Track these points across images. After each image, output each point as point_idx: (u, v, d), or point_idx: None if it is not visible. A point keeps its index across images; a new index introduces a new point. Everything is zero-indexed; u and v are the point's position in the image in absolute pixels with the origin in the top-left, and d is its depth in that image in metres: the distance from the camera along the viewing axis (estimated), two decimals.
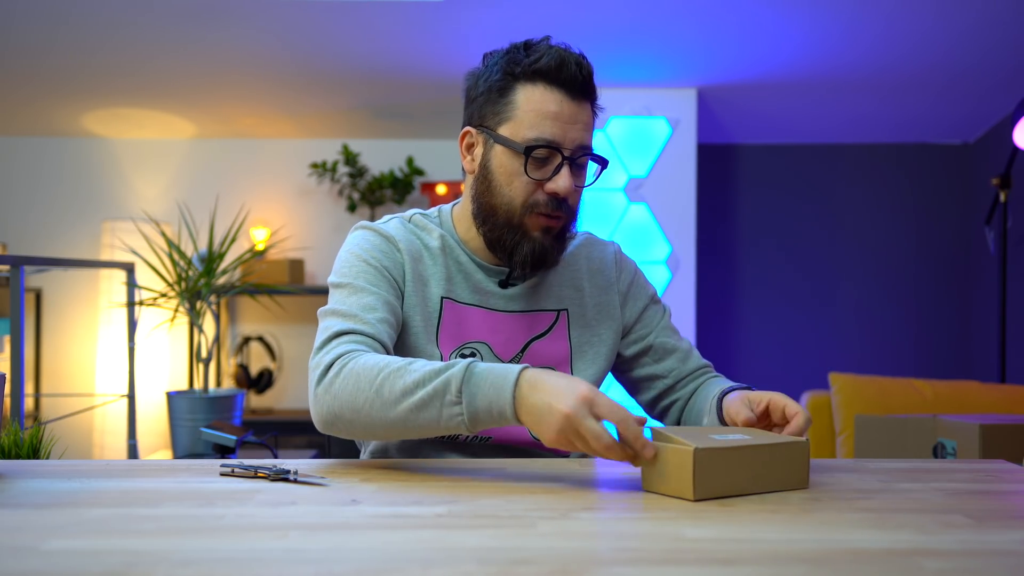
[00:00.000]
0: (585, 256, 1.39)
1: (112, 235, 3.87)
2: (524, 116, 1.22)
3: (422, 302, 1.27)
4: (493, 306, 1.31)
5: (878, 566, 0.72)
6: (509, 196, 1.24)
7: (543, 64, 1.21)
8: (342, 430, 1.13)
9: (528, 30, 3.13)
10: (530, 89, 1.22)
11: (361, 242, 1.28)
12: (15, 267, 2.05)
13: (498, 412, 1.03)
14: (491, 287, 1.31)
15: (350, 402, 1.09)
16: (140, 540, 0.77)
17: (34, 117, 3.91)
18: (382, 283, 1.24)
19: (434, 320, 1.28)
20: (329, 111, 3.82)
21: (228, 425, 2.20)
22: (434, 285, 1.29)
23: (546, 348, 1.33)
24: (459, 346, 1.29)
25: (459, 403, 1.04)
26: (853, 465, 1.18)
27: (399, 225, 1.32)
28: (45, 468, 1.11)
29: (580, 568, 0.70)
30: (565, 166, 1.22)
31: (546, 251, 1.25)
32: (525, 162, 1.21)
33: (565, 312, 1.35)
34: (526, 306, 1.32)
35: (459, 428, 1.05)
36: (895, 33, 3.04)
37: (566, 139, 1.21)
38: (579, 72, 1.21)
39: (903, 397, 2.60)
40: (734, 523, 0.85)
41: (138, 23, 3.01)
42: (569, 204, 1.25)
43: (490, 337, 1.30)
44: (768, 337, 4.09)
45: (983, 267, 3.90)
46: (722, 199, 4.10)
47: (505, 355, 1.30)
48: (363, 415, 1.08)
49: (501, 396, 1.02)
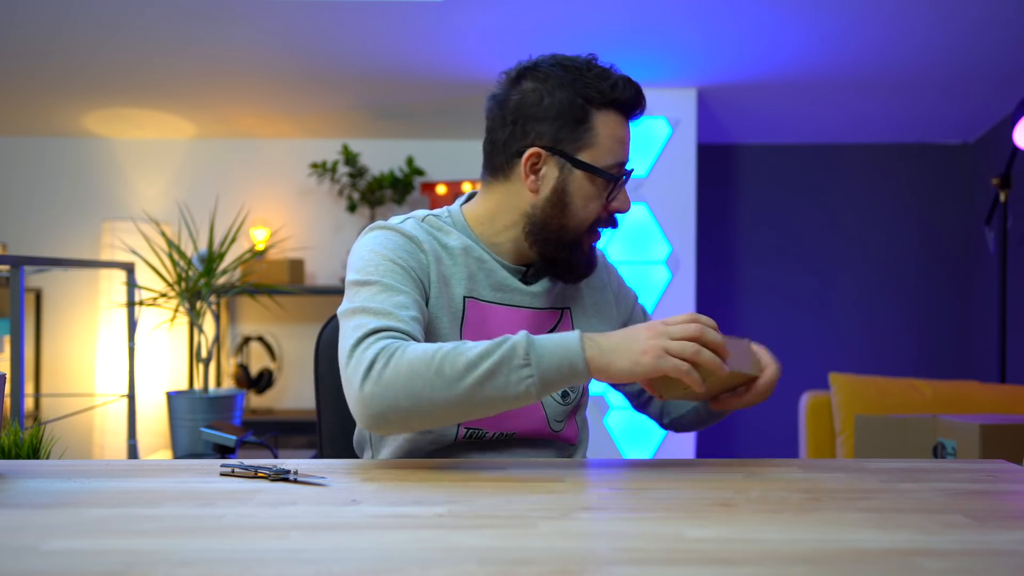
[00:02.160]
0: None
1: (112, 235, 3.87)
2: (605, 143, 1.28)
3: (447, 302, 1.29)
4: (515, 302, 1.34)
5: (878, 566, 0.72)
6: (582, 218, 1.30)
7: (620, 95, 1.28)
8: (396, 422, 1.10)
9: (528, 30, 3.14)
10: (606, 117, 1.28)
11: (384, 242, 1.28)
12: (15, 267, 2.05)
13: (569, 367, 1.08)
14: (515, 284, 1.34)
15: (407, 389, 1.08)
16: (140, 540, 0.77)
17: (34, 117, 3.91)
18: (409, 283, 1.24)
19: (458, 319, 1.30)
20: (329, 111, 3.82)
21: (228, 425, 2.20)
22: (456, 285, 1.30)
23: None
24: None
25: (528, 365, 1.07)
26: (853, 465, 1.18)
27: (416, 226, 1.32)
28: (45, 468, 1.11)
29: (580, 568, 0.70)
30: (624, 186, 1.32)
31: (593, 260, 1.35)
32: (607, 184, 1.28)
33: (568, 311, 1.39)
34: (541, 303, 1.36)
35: (528, 392, 1.08)
36: (895, 33, 3.04)
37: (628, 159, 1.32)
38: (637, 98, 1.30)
39: (903, 397, 2.60)
40: (734, 523, 0.85)
41: (138, 23, 3.01)
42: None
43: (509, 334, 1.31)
44: (768, 337, 4.09)
45: (983, 267, 3.90)
46: (722, 199, 4.10)
47: None
48: (423, 399, 1.08)
49: (570, 351, 1.08)
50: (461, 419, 1.11)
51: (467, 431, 1.29)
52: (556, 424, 1.34)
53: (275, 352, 4.07)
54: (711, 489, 1.00)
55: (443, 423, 1.12)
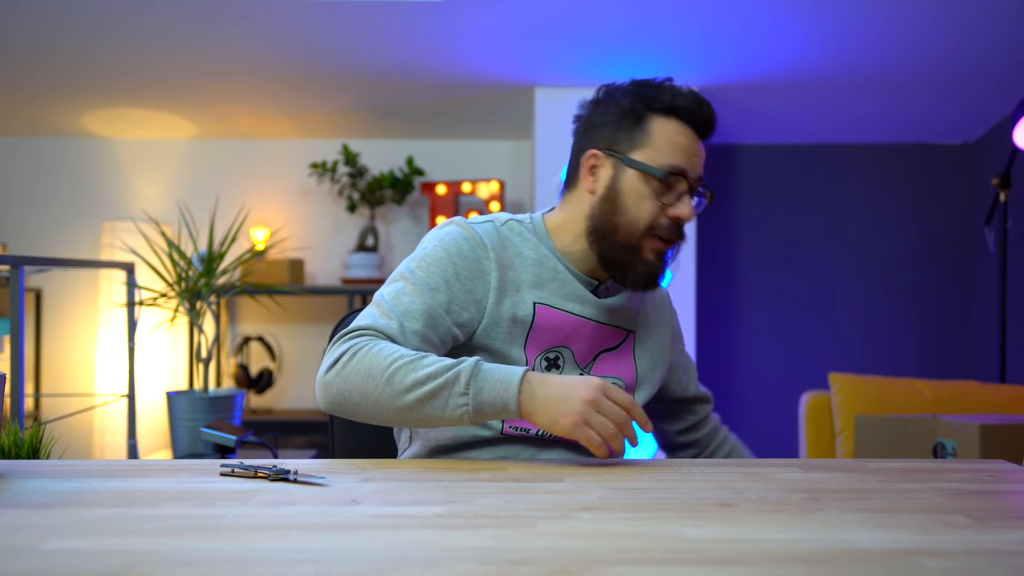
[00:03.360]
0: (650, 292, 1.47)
1: (112, 235, 3.87)
2: (659, 145, 1.32)
3: (511, 308, 1.31)
4: (586, 314, 1.36)
5: (878, 566, 0.72)
6: (634, 217, 1.32)
7: (681, 102, 1.33)
8: (347, 412, 1.20)
9: (528, 30, 3.14)
10: (664, 122, 1.33)
11: (451, 241, 1.32)
12: (15, 267, 2.05)
13: (502, 405, 1.14)
14: (587, 295, 1.36)
15: (359, 387, 1.17)
16: (140, 540, 0.77)
17: (34, 117, 3.91)
18: (443, 290, 1.27)
19: (525, 325, 1.32)
20: (329, 111, 3.82)
21: (228, 425, 2.20)
22: (527, 291, 1.33)
23: (613, 361, 1.39)
24: (545, 349, 1.34)
25: (466, 394, 1.13)
26: (853, 465, 1.18)
27: (492, 231, 1.35)
28: (45, 468, 1.11)
29: (580, 568, 0.70)
30: (687, 195, 1.33)
31: (657, 272, 1.34)
32: (660, 186, 1.31)
33: (633, 335, 1.42)
34: (611, 320, 1.38)
35: (462, 419, 1.15)
36: (895, 33, 3.04)
37: (691, 169, 1.33)
38: (700, 111, 1.34)
39: (903, 397, 2.60)
40: (734, 523, 0.85)
41: (138, 23, 3.01)
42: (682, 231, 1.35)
43: (575, 344, 1.36)
44: (768, 337, 4.09)
45: (983, 267, 3.90)
46: (722, 200, 4.10)
47: (582, 361, 1.36)
48: (371, 401, 1.17)
49: (507, 390, 1.13)
50: (403, 425, 1.20)
51: (512, 424, 1.31)
52: None
53: (275, 352, 4.07)
54: (711, 489, 1.00)
55: (388, 424, 1.20)
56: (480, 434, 1.31)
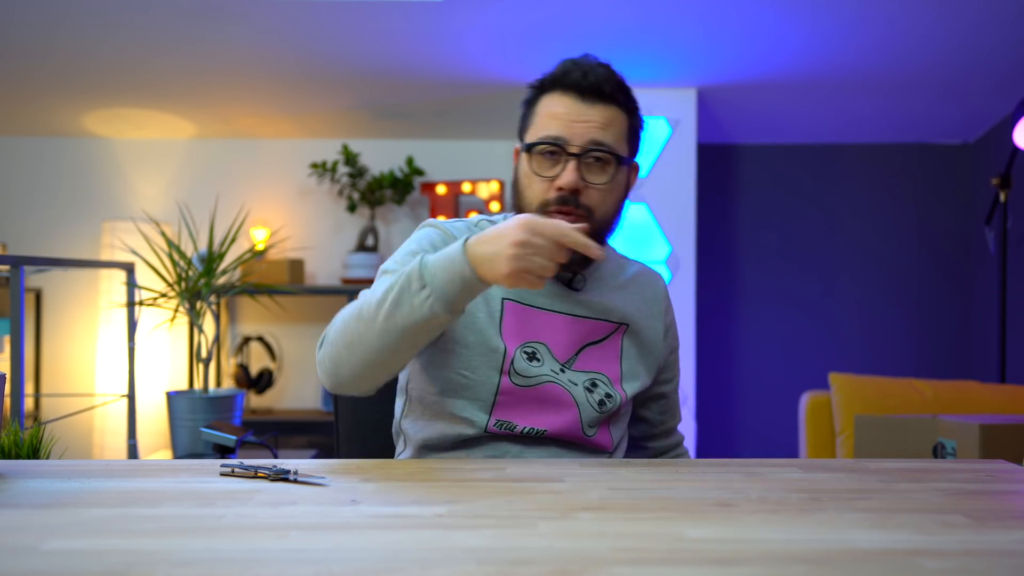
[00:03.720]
0: (641, 283, 1.46)
1: (112, 235, 3.87)
2: (539, 120, 1.33)
3: (485, 301, 1.33)
4: (558, 308, 1.36)
5: (878, 566, 0.72)
6: (528, 197, 1.34)
7: (562, 72, 1.32)
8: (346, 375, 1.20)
9: (528, 30, 3.14)
10: (548, 98, 1.33)
11: (423, 237, 1.37)
12: (15, 267, 2.05)
13: (459, 277, 1.13)
14: (559, 289, 1.36)
15: (344, 341, 1.19)
16: (140, 540, 0.77)
17: (34, 117, 3.91)
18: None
19: (496, 320, 1.33)
20: (329, 111, 3.82)
21: (228, 425, 2.20)
22: (495, 287, 1.33)
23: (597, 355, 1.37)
24: (520, 344, 1.33)
25: (424, 287, 1.14)
26: (853, 465, 1.18)
27: (465, 228, 1.39)
28: (45, 468, 1.11)
29: (580, 568, 0.70)
30: (571, 161, 1.28)
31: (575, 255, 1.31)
32: (542, 160, 1.31)
33: (624, 329, 1.40)
34: (590, 313, 1.37)
35: (435, 311, 1.13)
36: (895, 33, 3.04)
37: (573, 136, 1.29)
38: (584, 77, 1.29)
39: (903, 397, 2.60)
40: (734, 523, 0.85)
41: (138, 23, 3.01)
42: (585, 202, 1.30)
43: (550, 338, 1.35)
44: (768, 337, 4.09)
45: (983, 267, 3.90)
46: (722, 199, 4.10)
47: (562, 356, 1.35)
48: (356, 346, 1.18)
49: (455, 263, 1.13)
50: (396, 357, 1.18)
51: (498, 422, 1.31)
52: (589, 429, 1.35)
53: (275, 352, 4.07)
54: (711, 489, 1.00)
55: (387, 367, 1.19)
56: (465, 433, 1.31)
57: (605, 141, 1.29)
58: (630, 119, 1.35)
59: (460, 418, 1.31)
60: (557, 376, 1.33)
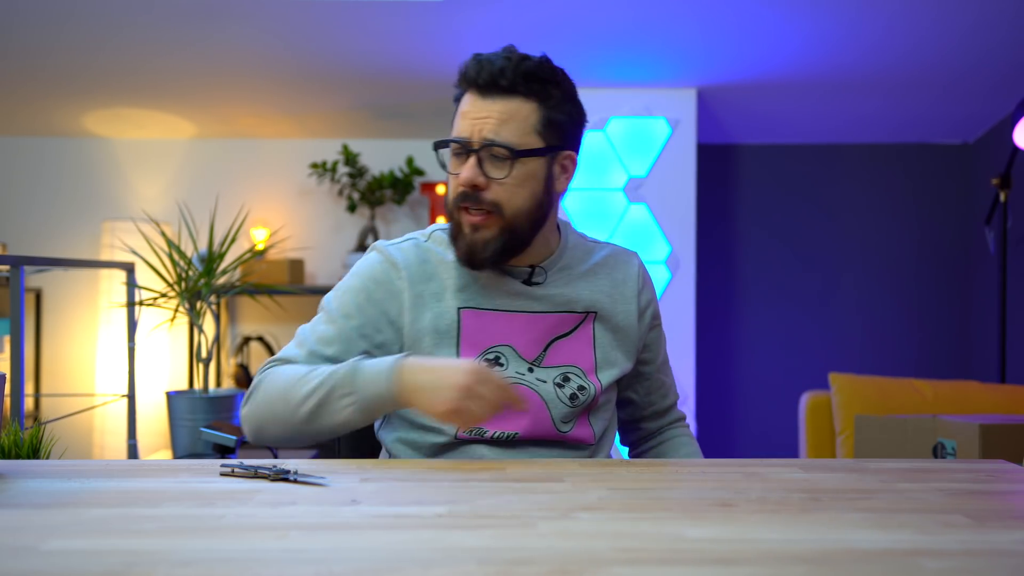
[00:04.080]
0: (611, 266, 1.43)
1: (112, 235, 3.87)
2: (455, 123, 1.33)
3: (433, 320, 1.33)
4: (518, 308, 1.35)
5: (878, 566, 0.72)
6: (448, 195, 1.34)
7: (464, 69, 1.31)
8: (268, 436, 1.29)
9: (527, 30, 3.14)
10: (464, 99, 1.32)
11: (368, 265, 1.38)
12: (15, 267, 2.05)
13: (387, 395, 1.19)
14: (516, 287, 1.35)
15: (269, 410, 1.26)
16: (140, 540, 0.77)
17: (34, 117, 3.91)
18: (355, 315, 1.34)
19: (452, 332, 1.32)
20: (329, 111, 3.82)
21: (228, 425, 2.20)
22: (450, 298, 1.33)
23: (568, 347, 1.36)
24: (483, 351, 1.33)
25: (350, 394, 1.20)
26: (853, 465, 1.18)
27: (412, 247, 1.38)
28: (45, 468, 1.11)
29: (580, 568, 0.70)
30: (471, 158, 1.28)
31: (472, 247, 1.30)
32: (452, 160, 1.32)
33: (593, 316, 1.38)
34: (551, 307, 1.36)
35: (353, 418, 1.21)
36: (895, 33, 3.04)
37: (472, 133, 1.28)
38: (479, 72, 1.28)
39: (903, 397, 2.60)
40: (734, 523, 0.85)
41: (138, 23, 3.01)
42: (490, 198, 1.28)
43: (514, 339, 1.34)
44: (768, 337, 4.09)
45: (983, 267, 3.90)
46: (722, 199, 4.10)
47: (529, 355, 1.34)
48: (280, 420, 1.25)
49: (380, 383, 1.19)
50: (314, 437, 1.26)
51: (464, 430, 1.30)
52: (563, 425, 1.34)
53: (275, 352, 4.07)
54: (711, 489, 1.00)
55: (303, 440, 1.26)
56: (437, 441, 1.32)
57: (502, 136, 1.27)
58: (544, 110, 1.30)
59: (429, 427, 1.32)
60: (523, 377, 1.32)
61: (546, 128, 1.30)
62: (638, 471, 1.14)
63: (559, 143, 1.32)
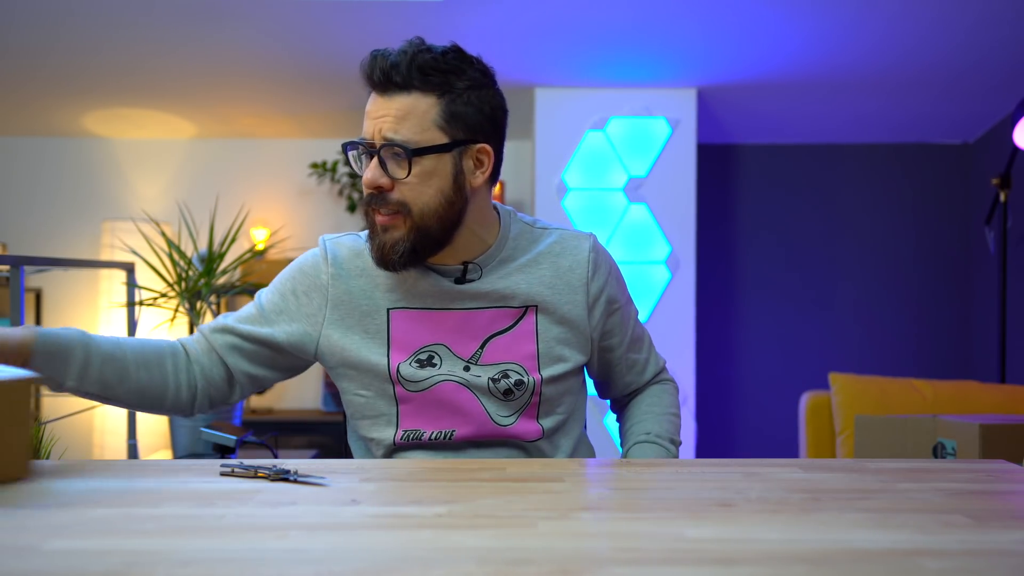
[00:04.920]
0: (556, 253, 1.36)
1: (112, 235, 3.87)
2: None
3: (361, 319, 1.32)
4: (450, 306, 1.31)
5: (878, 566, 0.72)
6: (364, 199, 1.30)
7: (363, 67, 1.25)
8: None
9: (527, 30, 3.14)
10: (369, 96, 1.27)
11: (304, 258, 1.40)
12: (15, 267, 2.05)
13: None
14: (448, 286, 1.31)
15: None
16: (140, 540, 0.77)
17: (34, 117, 3.91)
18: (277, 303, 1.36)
19: (382, 332, 1.31)
20: (329, 111, 3.82)
21: (228, 425, 2.20)
22: (379, 298, 1.32)
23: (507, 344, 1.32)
24: (415, 351, 1.31)
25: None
26: (853, 465, 1.18)
27: (350, 242, 1.38)
28: (45, 468, 1.11)
29: (580, 568, 0.70)
30: (373, 159, 1.24)
31: (383, 247, 1.26)
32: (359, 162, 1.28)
33: (534, 309, 1.33)
34: (485, 303, 1.32)
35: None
36: (895, 33, 3.04)
37: (373, 133, 1.24)
38: (373, 70, 1.23)
39: (903, 397, 2.60)
40: (734, 523, 0.85)
41: (138, 23, 3.01)
42: (396, 198, 1.24)
43: (447, 337, 1.31)
44: (768, 337, 4.09)
45: (983, 267, 3.90)
46: (722, 199, 4.10)
47: (464, 353, 1.31)
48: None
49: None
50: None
51: (404, 433, 1.30)
52: (502, 419, 1.31)
53: None
54: (711, 489, 1.00)
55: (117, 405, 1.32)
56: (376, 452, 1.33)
57: (400, 134, 1.22)
58: (445, 103, 1.23)
59: (370, 439, 1.34)
60: (454, 375, 1.30)
61: (449, 122, 1.23)
62: (638, 471, 1.14)
63: (466, 136, 1.25)
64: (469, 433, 1.30)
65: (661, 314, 3.54)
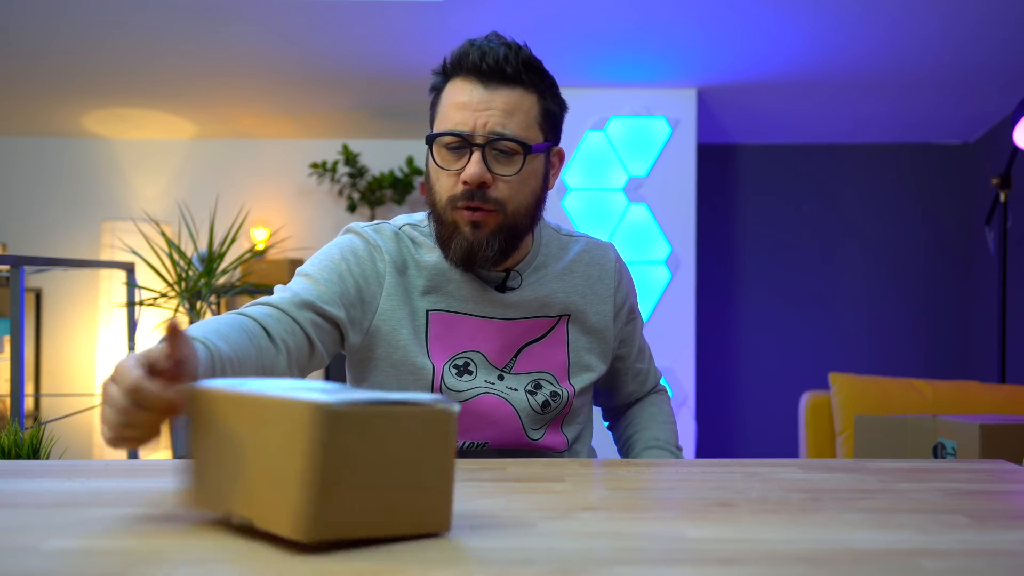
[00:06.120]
0: (586, 263, 1.36)
1: (112, 235, 3.87)
2: (444, 111, 1.22)
3: (409, 315, 1.26)
4: (488, 314, 1.28)
5: (878, 566, 0.72)
6: (437, 192, 1.23)
7: (460, 55, 1.21)
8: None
9: (527, 30, 3.14)
10: (451, 85, 1.22)
11: (344, 244, 1.27)
12: (15, 267, 2.05)
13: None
14: (487, 293, 1.28)
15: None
16: (140, 540, 0.77)
17: (34, 117, 3.91)
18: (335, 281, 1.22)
19: (422, 333, 1.27)
20: (329, 111, 3.82)
21: None
22: (418, 297, 1.27)
23: (540, 353, 1.31)
24: (452, 356, 1.28)
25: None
26: (853, 465, 1.18)
27: (391, 235, 1.29)
28: (45, 468, 1.11)
29: (580, 568, 0.70)
30: (475, 153, 1.18)
31: (472, 246, 1.20)
32: (446, 154, 1.21)
33: (566, 319, 1.32)
34: (525, 313, 1.30)
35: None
36: (896, 34, 3.04)
37: (476, 126, 1.18)
38: (482, 59, 1.18)
39: (903, 397, 2.60)
40: (734, 523, 0.85)
41: (138, 23, 3.01)
42: (494, 195, 1.20)
43: (484, 345, 1.28)
44: (768, 337, 4.09)
45: (983, 267, 3.90)
46: (722, 199, 4.10)
47: (499, 362, 1.29)
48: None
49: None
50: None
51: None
52: (533, 433, 1.30)
53: None
54: (711, 489, 1.00)
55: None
56: None
57: (510, 129, 1.19)
58: (542, 101, 1.22)
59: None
60: (493, 386, 1.27)
61: (545, 121, 1.23)
62: (638, 471, 1.14)
63: (553, 137, 1.26)
64: (501, 444, 1.29)
65: (661, 314, 3.54)
